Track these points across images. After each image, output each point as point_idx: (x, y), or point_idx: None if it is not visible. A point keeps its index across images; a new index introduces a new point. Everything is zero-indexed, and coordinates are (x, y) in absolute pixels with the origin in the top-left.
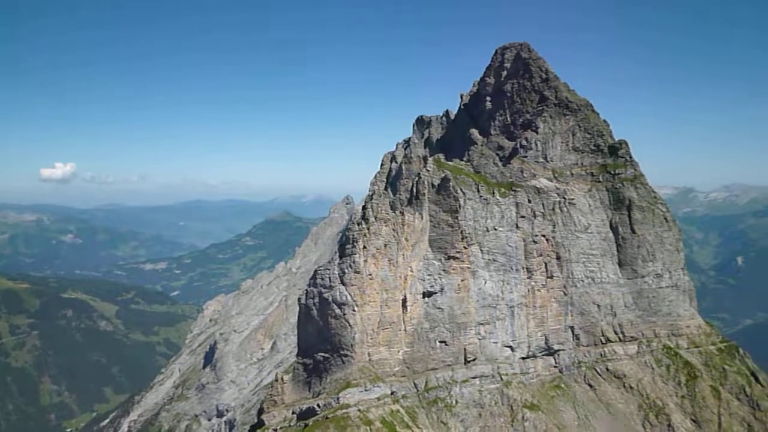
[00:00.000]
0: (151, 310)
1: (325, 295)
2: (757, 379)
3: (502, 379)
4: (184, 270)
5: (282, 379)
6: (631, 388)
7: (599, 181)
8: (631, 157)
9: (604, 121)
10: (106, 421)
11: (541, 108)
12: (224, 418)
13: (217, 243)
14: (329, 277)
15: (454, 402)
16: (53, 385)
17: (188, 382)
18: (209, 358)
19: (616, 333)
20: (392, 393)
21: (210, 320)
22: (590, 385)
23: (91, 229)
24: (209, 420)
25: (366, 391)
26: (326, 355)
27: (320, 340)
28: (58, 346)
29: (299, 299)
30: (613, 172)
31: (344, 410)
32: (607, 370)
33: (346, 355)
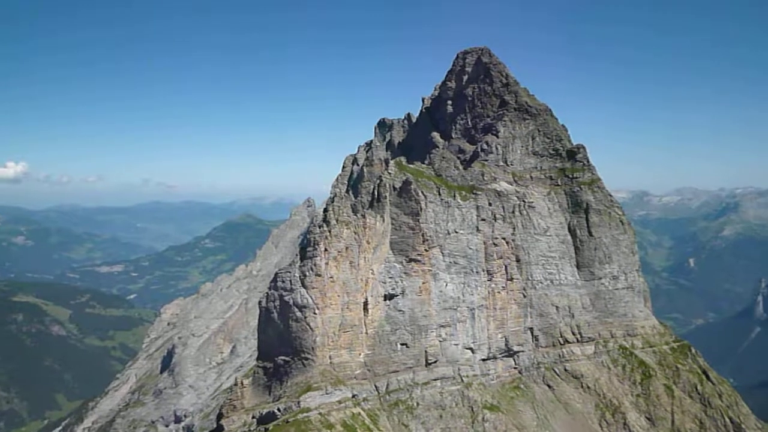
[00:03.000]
0: (106, 313)
1: (286, 298)
2: (708, 378)
3: (462, 380)
4: (141, 273)
5: (242, 383)
6: (588, 387)
7: (558, 185)
8: (588, 162)
9: (563, 125)
10: (59, 428)
11: (501, 112)
12: (182, 424)
13: (176, 245)
14: (290, 280)
15: (415, 404)
16: (2, 392)
17: (145, 388)
18: (167, 363)
19: (574, 334)
20: (353, 396)
21: (168, 324)
22: (549, 386)
23: (44, 230)
24: (167, 426)
25: (327, 394)
26: (287, 358)
27: (281, 344)
28: (7, 352)
29: (260, 302)
30: (571, 176)
31: (305, 414)
32: (566, 370)
33: (306, 359)
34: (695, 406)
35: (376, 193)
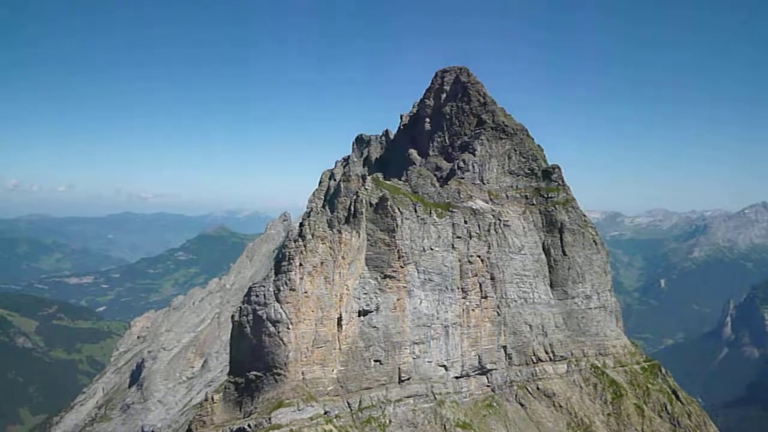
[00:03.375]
0: (74, 326)
1: (260, 313)
2: (677, 397)
3: (435, 398)
4: (111, 285)
5: (212, 398)
6: (560, 406)
7: (533, 204)
8: (563, 182)
9: (539, 145)
10: None
11: (478, 131)
12: None
13: (148, 257)
14: (264, 294)
15: (387, 421)
16: None
17: (112, 402)
18: (135, 377)
19: (546, 352)
20: (326, 413)
21: (138, 337)
22: (521, 404)
23: (11, 239)
24: None
25: (299, 410)
26: (259, 373)
27: (253, 359)
28: None
29: (232, 316)
30: (546, 196)
31: (276, 430)
32: (538, 388)
33: (279, 374)
34: (665, 426)
35: (352, 208)
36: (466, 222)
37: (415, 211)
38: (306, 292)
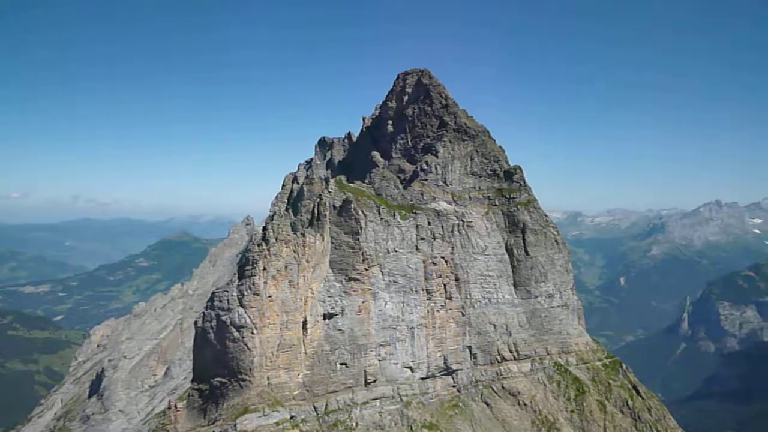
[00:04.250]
0: (30, 336)
1: (223, 318)
2: (638, 392)
3: (402, 399)
4: (69, 293)
5: (175, 406)
6: (525, 404)
7: (495, 205)
8: (524, 182)
9: (500, 147)
10: None
11: (440, 133)
12: None
13: (108, 264)
14: (228, 299)
15: (354, 424)
16: None
17: (71, 414)
18: (96, 387)
19: (511, 351)
20: (292, 417)
21: (97, 346)
22: (487, 403)
23: None
24: None
25: (264, 416)
26: (223, 380)
27: (217, 365)
28: None
29: (196, 322)
30: (508, 197)
31: None
32: (503, 387)
33: (244, 380)
34: (626, 421)
35: (315, 211)
36: (429, 223)
37: (379, 213)
38: (270, 297)
